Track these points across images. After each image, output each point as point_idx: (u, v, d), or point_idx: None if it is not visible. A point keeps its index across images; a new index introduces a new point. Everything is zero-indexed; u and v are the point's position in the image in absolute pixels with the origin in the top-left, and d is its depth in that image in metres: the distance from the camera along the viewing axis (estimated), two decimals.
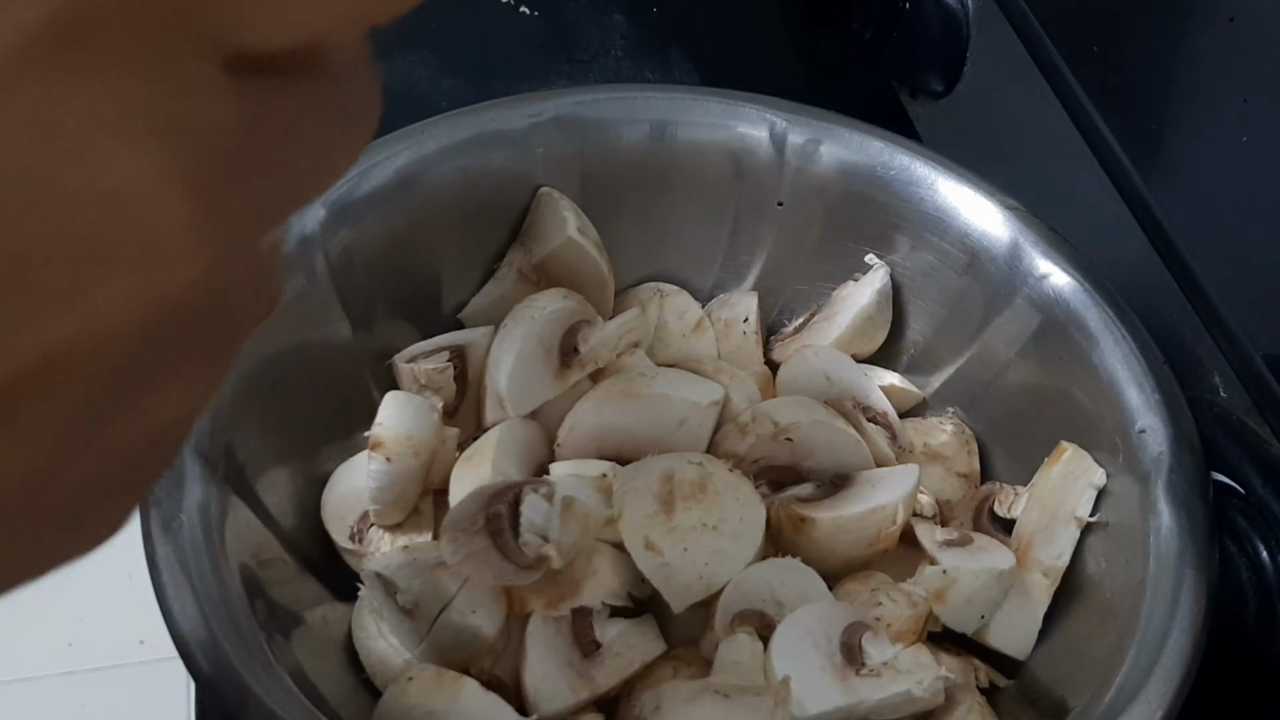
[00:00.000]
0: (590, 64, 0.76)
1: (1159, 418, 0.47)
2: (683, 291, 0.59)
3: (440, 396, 0.52)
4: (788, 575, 0.46)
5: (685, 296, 0.58)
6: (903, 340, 0.58)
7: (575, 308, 0.53)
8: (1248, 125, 0.54)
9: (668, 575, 0.44)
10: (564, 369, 0.52)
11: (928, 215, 0.54)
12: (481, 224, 0.55)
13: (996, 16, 0.62)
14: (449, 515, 0.44)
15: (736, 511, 0.46)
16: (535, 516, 0.43)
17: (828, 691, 0.43)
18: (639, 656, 0.45)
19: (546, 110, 0.55)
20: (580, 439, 0.51)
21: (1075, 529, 0.49)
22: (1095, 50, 0.59)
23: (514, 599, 0.45)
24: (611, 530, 0.46)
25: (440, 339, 0.54)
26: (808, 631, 0.44)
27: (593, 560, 0.45)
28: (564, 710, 0.44)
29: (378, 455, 0.48)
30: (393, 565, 0.45)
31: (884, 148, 0.55)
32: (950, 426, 0.55)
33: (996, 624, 0.48)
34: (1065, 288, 0.51)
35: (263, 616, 0.42)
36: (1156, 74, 0.58)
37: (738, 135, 0.56)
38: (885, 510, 0.48)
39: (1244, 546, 0.45)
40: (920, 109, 0.69)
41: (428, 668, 0.43)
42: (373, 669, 0.47)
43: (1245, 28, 0.57)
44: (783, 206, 0.57)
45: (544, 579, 0.44)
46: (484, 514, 0.43)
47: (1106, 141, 0.55)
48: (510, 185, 0.55)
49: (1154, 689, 0.41)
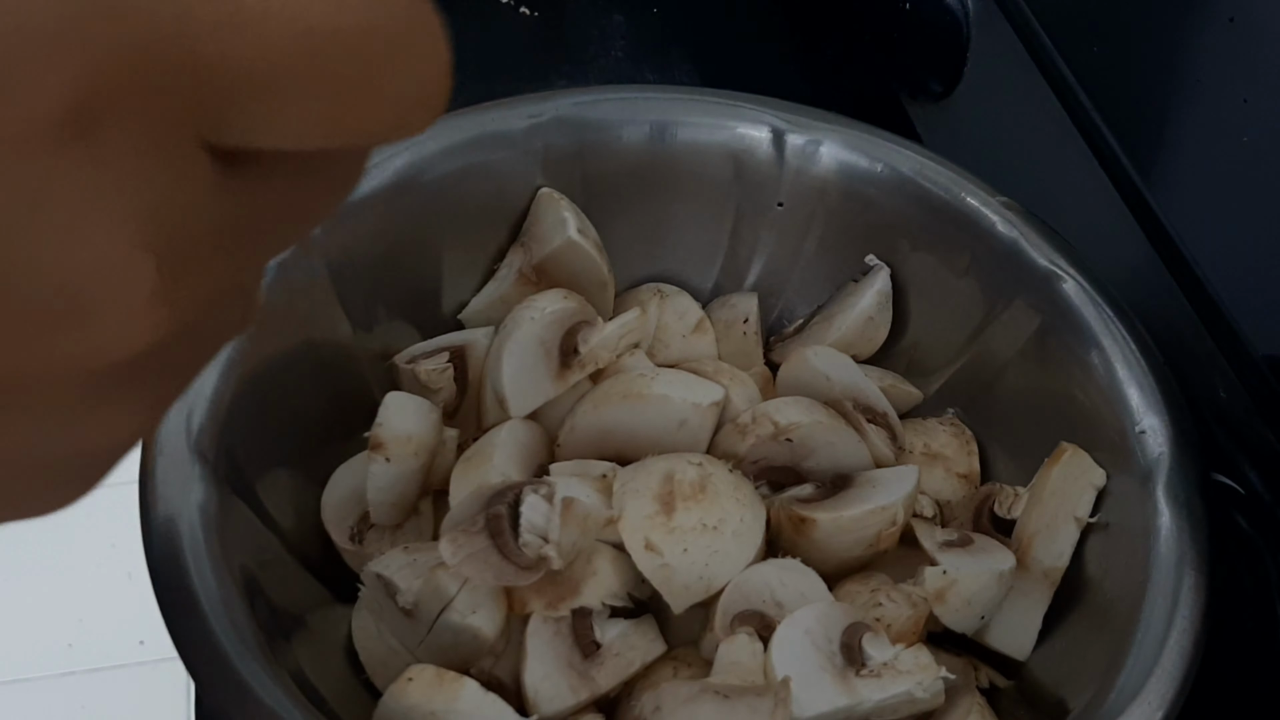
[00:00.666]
0: (590, 64, 0.76)
1: (1159, 418, 0.47)
2: (683, 292, 0.59)
3: (440, 397, 0.52)
4: (788, 576, 0.46)
5: (685, 297, 0.58)
6: (903, 341, 0.58)
7: (575, 308, 0.53)
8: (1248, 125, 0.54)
9: (667, 576, 0.44)
10: (564, 370, 0.52)
11: (927, 215, 0.54)
12: (481, 224, 0.55)
13: (996, 16, 0.62)
14: (449, 515, 0.44)
15: (736, 512, 0.46)
16: (535, 517, 0.43)
17: (828, 692, 0.43)
18: (639, 657, 0.45)
19: (546, 110, 0.55)
20: (580, 439, 0.51)
21: (1075, 529, 0.49)
22: (1095, 50, 0.59)
23: (514, 599, 0.45)
24: (611, 531, 0.46)
25: (440, 339, 0.54)
26: (807, 632, 0.44)
27: (593, 560, 0.45)
28: (564, 710, 0.44)
29: (378, 456, 0.48)
30: (393, 565, 0.45)
31: (884, 148, 0.55)
32: (950, 427, 0.55)
33: (996, 624, 0.48)
34: (1065, 288, 0.51)
35: (263, 617, 0.42)
36: (1156, 74, 0.58)
37: (737, 136, 0.56)
38: (885, 511, 0.48)
39: (1244, 546, 0.45)
40: (920, 109, 0.69)
41: (427, 668, 0.43)
42: (373, 669, 0.47)
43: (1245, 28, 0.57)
44: (783, 207, 0.57)
45: (544, 579, 0.44)
46: (484, 514, 0.43)
47: (1106, 141, 0.55)
48: (510, 185, 0.55)
49: (1154, 689, 0.41)
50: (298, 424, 0.49)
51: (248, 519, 0.46)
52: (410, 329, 0.55)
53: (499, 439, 0.49)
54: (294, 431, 0.49)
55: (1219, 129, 0.55)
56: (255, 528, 0.46)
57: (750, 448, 0.51)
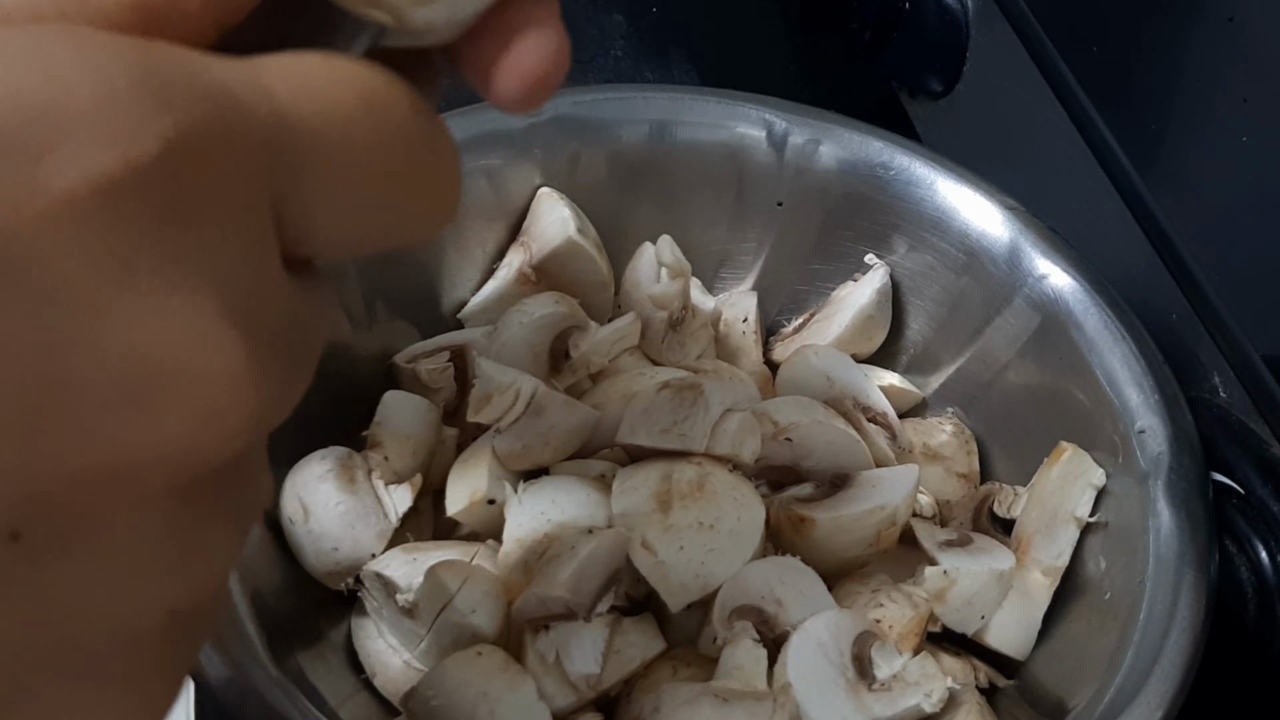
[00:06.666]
0: (590, 64, 0.76)
1: (1159, 418, 0.47)
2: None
3: (440, 397, 0.52)
4: (787, 573, 0.46)
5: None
6: (902, 340, 0.58)
7: (565, 313, 0.53)
8: (1248, 125, 0.54)
9: (664, 574, 0.44)
10: (554, 374, 0.52)
11: (927, 215, 0.54)
12: (481, 224, 0.55)
13: (996, 16, 0.62)
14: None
15: (734, 511, 0.46)
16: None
17: (843, 709, 0.43)
18: (639, 655, 0.45)
19: (546, 110, 0.55)
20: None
21: (1075, 529, 0.49)
22: (1095, 50, 0.59)
23: (514, 598, 0.45)
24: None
25: (440, 339, 0.54)
26: (820, 644, 0.44)
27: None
28: (564, 710, 0.44)
29: (376, 455, 0.48)
30: (393, 565, 0.45)
31: (884, 148, 0.55)
32: (950, 426, 0.55)
33: (996, 624, 0.48)
34: (1065, 288, 0.51)
35: (263, 617, 0.42)
36: (1156, 74, 0.58)
37: (737, 135, 0.56)
38: (885, 510, 0.48)
39: (1244, 546, 0.45)
40: (920, 109, 0.69)
41: (500, 651, 0.44)
42: (373, 669, 0.47)
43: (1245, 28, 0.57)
44: (782, 207, 0.57)
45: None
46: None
47: (1106, 141, 0.55)
48: (510, 185, 0.55)
49: (1154, 689, 0.41)
50: (297, 424, 0.49)
51: None
52: (410, 329, 0.55)
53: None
54: (294, 431, 0.49)
55: (1219, 129, 0.55)
56: (255, 528, 0.46)
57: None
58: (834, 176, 0.55)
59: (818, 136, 0.55)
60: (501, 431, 0.48)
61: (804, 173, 0.56)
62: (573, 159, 0.55)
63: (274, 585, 0.45)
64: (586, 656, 0.43)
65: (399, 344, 0.54)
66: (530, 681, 0.43)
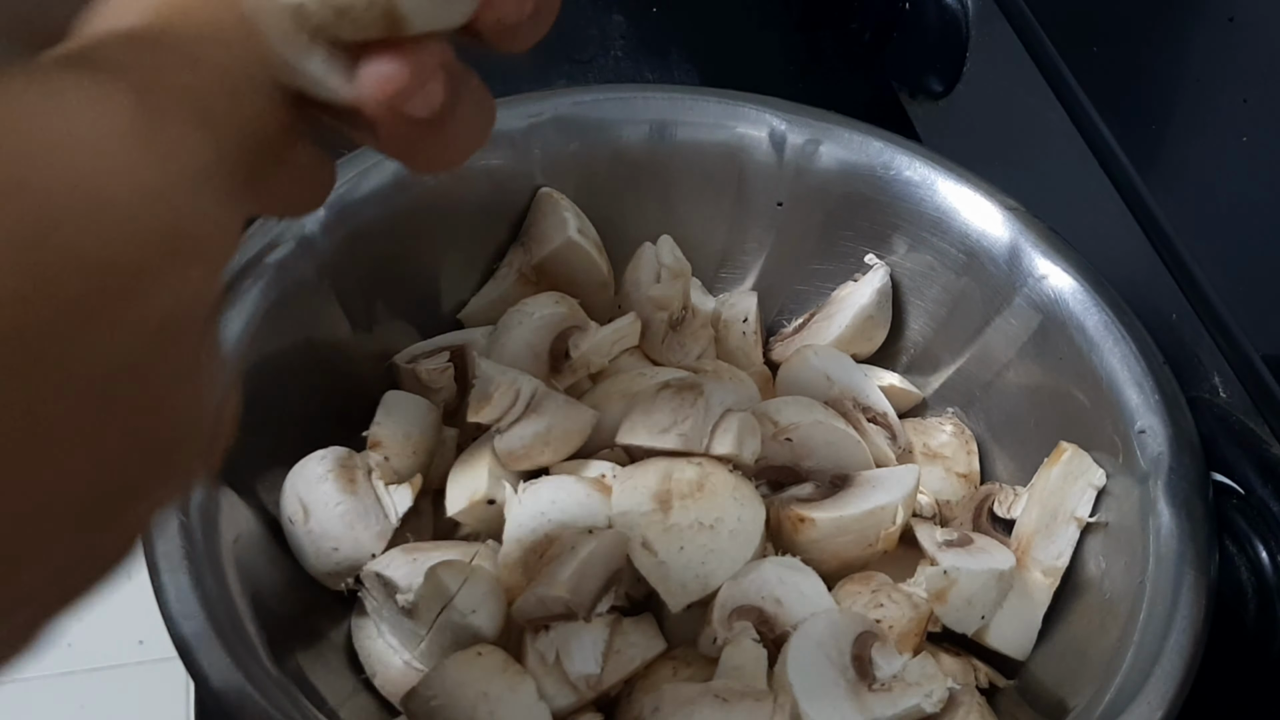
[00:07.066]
0: (590, 64, 0.76)
1: (1159, 418, 0.47)
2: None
3: (440, 397, 0.52)
4: (787, 573, 0.46)
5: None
6: (902, 340, 0.58)
7: (565, 314, 0.53)
8: (1248, 125, 0.54)
9: (664, 574, 0.44)
10: (554, 374, 0.52)
11: (927, 215, 0.54)
12: (481, 224, 0.55)
13: (996, 16, 0.62)
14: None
15: (734, 511, 0.46)
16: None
17: (843, 710, 0.43)
18: (639, 654, 0.45)
19: (546, 110, 0.55)
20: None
21: (1075, 529, 0.49)
22: (1095, 50, 0.59)
23: (514, 598, 0.45)
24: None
25: (440, 339, 0.54)
26: (819, 645, 0.44)
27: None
28: (564, 710, 0.44)
29: (376, 455, 0.48)
30: (393, 565, 0.45)
31: (884, 148, 0.55)
32: (950, 427, 0.55)
33: (996, 624, 0.48)
34: (1065, 288, 0.51)
35: (263, 617, 0.42)
36: (1156, 74, 0.58)
37: (737, 136, 0.56)
38: (885, 511, 0.48)
39: (1244, 547, 0.45)
40: (920, 109, 0.69)
41: (500, 651, 0.44)
42: (373, 669, 0.47)
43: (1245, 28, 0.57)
44: (782, 207, 0.57)
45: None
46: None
47: (1106, 141, 0.55)
48: (510, 185, 0.55)
49: (1154, 689, 0.41)
50: (298, 424, 0.49)
51: (247, 518, 0.46)
52: (410, 329, 0.55)
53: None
54: (294, 431, 0.49)
55: (1219, 129, 0.55)
56: (255, 527, 0.46)
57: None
58: (834, 177, 0.55)
59: (818, 136, 0.55)
60: (501, 431, 0.48)
61: (804, 173, 0.56)
62: (573, 159, 0.55)
63: (274, 585, 0.45)
64: (586, 656, 0.43)
65: (399, 344, 0.54)
66: (530, 681, 0.43)
